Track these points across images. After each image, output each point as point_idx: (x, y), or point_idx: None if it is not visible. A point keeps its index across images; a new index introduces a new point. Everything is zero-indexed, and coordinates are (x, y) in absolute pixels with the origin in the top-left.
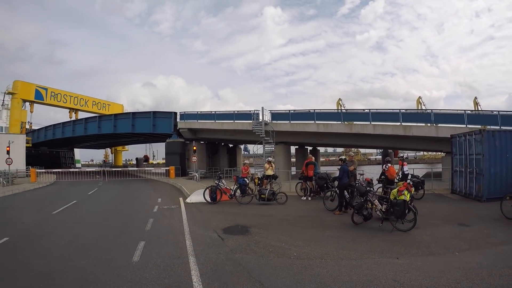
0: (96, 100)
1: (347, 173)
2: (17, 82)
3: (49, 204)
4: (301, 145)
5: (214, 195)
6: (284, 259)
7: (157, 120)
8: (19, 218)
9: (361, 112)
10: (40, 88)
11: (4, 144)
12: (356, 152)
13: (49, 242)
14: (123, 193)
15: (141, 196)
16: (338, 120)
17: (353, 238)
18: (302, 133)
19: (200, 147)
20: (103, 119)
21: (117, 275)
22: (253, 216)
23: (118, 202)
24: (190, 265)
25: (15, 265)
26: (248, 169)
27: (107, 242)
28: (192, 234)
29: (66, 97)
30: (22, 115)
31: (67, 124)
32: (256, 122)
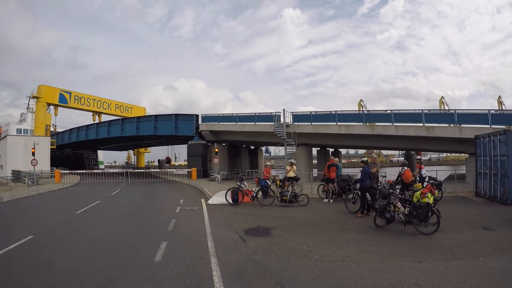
0: (118, 103)
1: (369, 175)
2: (41, 87)
3: (73, 204)
4: (322, 147)
5: (236, 196)
6: (305, 261)
7: (179, 122)
8: (44, 217)
9: (383, 113)
10: (64, 92)
11: (30, 146)
12: (378, 154)
13: (72, 240)
14: (145, 194)
15: (163, 197)
16: (360, 121)
17: (375, 241)
18: (324, 135)
19: (222, 149)
20: (125, 122)
21: (139, 274)
22: (274, 218)
23: (140, 203)
24: (212, 266)
25: (39, 262)
26: (270, 171)
27: (129, 241)
28: (214, 235)
29: (90, 100)
30: (47, 118)
31: (90, 127)
32: (278, 124)
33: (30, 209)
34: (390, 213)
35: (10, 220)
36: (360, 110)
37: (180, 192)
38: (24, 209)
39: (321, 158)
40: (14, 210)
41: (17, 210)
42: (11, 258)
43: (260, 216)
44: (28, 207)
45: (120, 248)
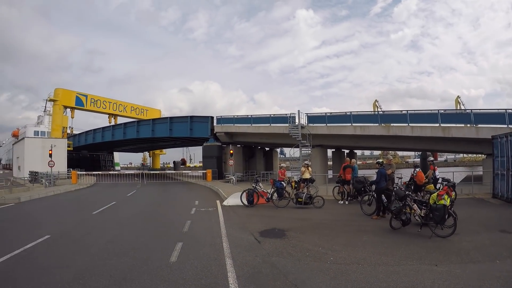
0: (134, 105)
1: (384, 176)
2: (58, 90)
3: (89, 204)
4: (338, 148)
5: (251, 198)
6: (320, 264)
7: (194, 124)
8: (60, 218)
9: (399, 113)
10: (80, 95)
11: (47, 147)
12: (394, 155)
13: (88, 240)
14: (160, 196)
15: (179, 199)
16: (375, 122)
17: (390, 244)
18: (339, 136)
19: (237, 151)
20: (141, 124)
21: (155, 274)
22: (290, 220)
23: (156, 204)
24: (227, 267)
25: (56, 261)
26: (285, 173)
27: (145, 242)
28: (229, 237)
29: (105, 103)
30: (64, 120)
31: (106, 129)
32: (293, 126)
33: (47, 209)
34: (406, 215)
35: (28, 219)
36: (375, 111)
37: (195, 194)
38: (41, 209)
39: (336, 159)
40: (31, 210)
41: (35, 210)
42: (29, 256)
43: (275, 218)
44: (45, 207)
45: (136, 249)
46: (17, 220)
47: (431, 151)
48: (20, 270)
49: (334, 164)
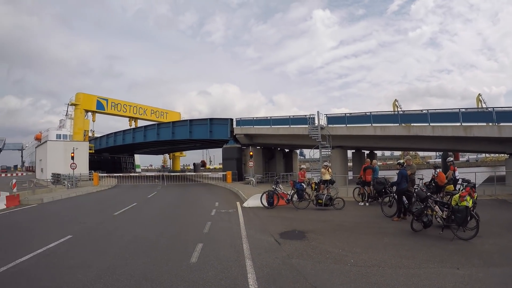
0: (154, 108)
1: (405, 177)
2: (79, 94)
3: (110, 205)
4: (357, 149)
5: (271, 199)
6: (341, 266)
7: (214, 126)
8: (82, 218)
9: (419, 113)
10: (101, 99)
11: (69, 150)
12: (415, 155)
13: (110, 241)
14: (181, 197)
15: (199, 200)
16: (395, 122)
17: (412, 246)
18: (359, 137)
19: (257, 152)
20: (161, 127)
21: (175, 275)
22: (310, 221)
23: (176, 205)
24: (247, 268)
25: (77, 260)
26: (305, 174)
27: (166, 243)
28: (249, 238)
29: (126, 106)
30: (85, 124)
31: (127, 132)
32: (312, 127)
33: (69, 210)
34: (427, 217)
35: (50, 220)
36: (395, 111)
37: (215, 195)
38: (64, 210)
39: (356, 160)
40: (54, 211)
41: (57, 211)
42: (51, 256)
43: (295, 219)
44: (67, 208)
45: (156, 249)
46: (40, 220)
47: (452, 151)
48: (42, 268)
49: (354, 165)
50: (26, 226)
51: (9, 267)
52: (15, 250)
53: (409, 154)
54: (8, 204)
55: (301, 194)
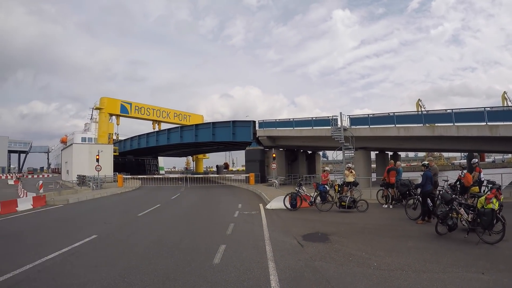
0: (177, 111)
1: (430, 179)
2: (103, 99)
3: (134, 207)
4: (381, 150)
5: (294, 201)
6: (363, 269)
7: (237, 128)
8: (107, 219)
9: (443, 112)
10: (125, 103)
11: (94, 153)
12: (439, 156)
13: (134, 241)
14: (204, 199)
15: (222, 202)
16: (419, 123)
17: (436, 250)
18: (382, 138)
19: (279, 154)
20: (184, 129)
21: (197, 275)
22: (333, 224)
23: (199, 207)
24: (270, 270)
25: (102, 260)
26: (328, 176)
27: (189, 244)
28: (272, 240)
29: (149, 110)
30: (109, 127)
31: (151, 135)
32: (335, 128)
33: (94, 210)
34: (452, 220)
35: (76, 220)
36: (418, 111)
37: (238, 197)
38: (89, 210)
39: (380, 162)
40: (79, 211)
41: (82, 211)
42: (76, 254)
43: (318, 222)
44: (92, 209)
45: (179, 250)
46: (65, 220)
47: (478, 151)
48: (68, 266)
49: (377, 167)
50: (52, 225)
51: (35, 264)
52: (41, 248)
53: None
54: (35, 204)
55: (324, 196)
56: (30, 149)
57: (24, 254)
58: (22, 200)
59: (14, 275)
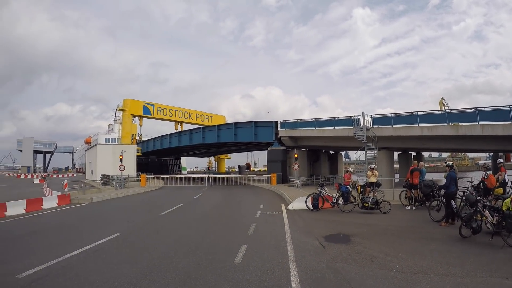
0: (199, 112)
1: (454, 180)
2: (126, 100)
3: (157, 206)
4: (404, 151)
5: (316, 202)
6: (385, 271)
7: (258, 129)
8: (130, 217)
9: (467, 111)
10: (147, 104)
11: (117, 153)
12: (463, 157)
13: (156, 239)
14: (226, 199)
15: (244, 202)
16: (443, 122)
17: (459, 253)
18: (405, 138)
19: (301, 154)
20: (207, 130)
21: (219, 274)
22: (355, 225)
23: (221, 207)
24: (291, 271)
25: (124, 257)
26: (351, 177)
27: (211, 243)
28: (294, 240)
29: (172, 111)
30: (133, 128)
31: (173, 135)
32: (357, 128)
33: (117, 209)
34: (477, 223)
35: (99, 218)
36: (442, 110)
37: (260, 197)
38: (112, 209)
39: (403, 162)
40: (102, 210)
41: (105, 210)
42: (100, 252)
43: (340, 223)
44: (115, 208)
45: (201, 249)
46: (89, 218)
47: (503, 151)
48: (91, 263)
49: (400, 168)
50: (76, 223)
51: (59, 260)
52: (65, 245)
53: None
54: (60, 202)
55: (347, 197)
56: (55, 150)
57: (49, 251)
58: (47, 198)
59: (38, 270)
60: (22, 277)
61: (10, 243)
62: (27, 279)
